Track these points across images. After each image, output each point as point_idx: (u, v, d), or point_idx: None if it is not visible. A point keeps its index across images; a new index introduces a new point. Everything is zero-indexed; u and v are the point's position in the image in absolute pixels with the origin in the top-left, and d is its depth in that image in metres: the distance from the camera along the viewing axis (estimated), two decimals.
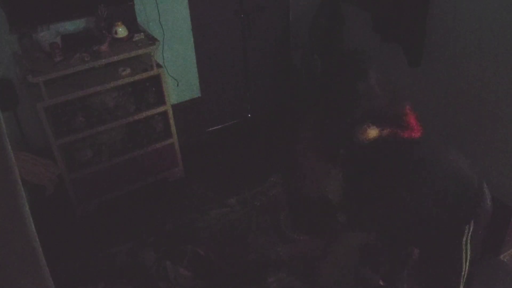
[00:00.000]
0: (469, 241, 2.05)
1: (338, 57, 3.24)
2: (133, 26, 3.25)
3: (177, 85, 3.89)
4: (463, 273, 2.11)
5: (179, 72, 3.87)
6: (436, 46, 3.00)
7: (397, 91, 2.69)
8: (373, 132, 1.99)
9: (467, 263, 2.09)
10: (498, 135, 2.75)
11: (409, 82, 3.29)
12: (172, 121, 3.47)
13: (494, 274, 2.77)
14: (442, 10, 2.88)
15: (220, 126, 4.37)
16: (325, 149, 2.20)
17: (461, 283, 2.14)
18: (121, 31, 3.16)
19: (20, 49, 3.10)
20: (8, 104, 3.17)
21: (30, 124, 3.37)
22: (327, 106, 2.21)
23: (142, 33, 3.23)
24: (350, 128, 2.03)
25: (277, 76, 4.47)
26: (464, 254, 2.07)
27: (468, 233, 2.03)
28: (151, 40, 3.19)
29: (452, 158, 2.06)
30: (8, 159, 1.02)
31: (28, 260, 1.13)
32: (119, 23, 3.15)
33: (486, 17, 2.63)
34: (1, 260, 1.09)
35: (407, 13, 3.00)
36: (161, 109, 3.40)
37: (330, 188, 2.25)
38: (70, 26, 3.25)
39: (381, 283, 2.49)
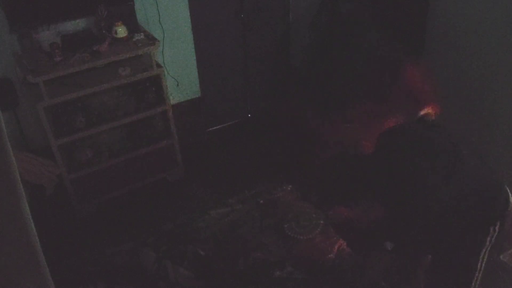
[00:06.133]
0: (487, 251, 2.01)
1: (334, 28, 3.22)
2: (133, 26, 3.25)
3: (177, 85, 3.89)
4: (474, 283, 2.09)
5: (179, 72, 3.87)
6: (436, 44, 3.00)
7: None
8: None
9: (480, 272, 2.07)
10: (498, 131, 2.75)
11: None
12: (172, 121, 3.47)
13: (494, 274, 2.76)
14: (442, 8, 2.88)
15: (220, 126, 4.37)
16: None
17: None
18: (121, 31, 3.15)
19: (20, 49, 3.10)
20: (8, 104, 3.17)
21: (30, 124, 3.37)
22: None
23: (142, 33, 3.23)
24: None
25: (277, 76, 4.46)
26: (479, 263, 2.03)
27: (490, 243, 1.98)
28: (151, 40, 3.19)
29: (474, 164, 2.03)
30: (8, 159, 1.02)
31: (28, 260, 1.13)
32: (119, 23, 3.14)
33: (486, 15, 2.63)
34: (1, 260, 1.09)
35: (407, 11, 3.00)
36: (161, 109, 3.40)
37: None
38: (70, 26, 3.24)
39: None
